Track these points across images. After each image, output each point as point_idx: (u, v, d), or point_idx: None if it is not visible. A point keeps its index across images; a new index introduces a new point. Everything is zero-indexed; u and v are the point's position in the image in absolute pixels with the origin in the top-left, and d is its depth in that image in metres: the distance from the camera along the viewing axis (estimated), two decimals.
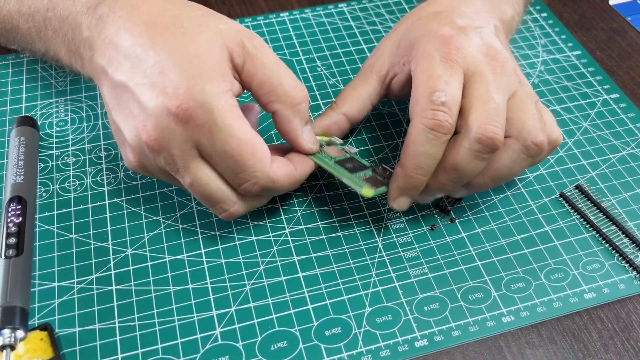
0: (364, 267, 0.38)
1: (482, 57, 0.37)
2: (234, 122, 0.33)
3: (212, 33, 0.34)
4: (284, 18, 0.55)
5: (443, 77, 0.35)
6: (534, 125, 0.36)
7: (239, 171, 0.34)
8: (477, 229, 0.40)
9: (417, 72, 0.37)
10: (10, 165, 0.40)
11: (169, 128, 0.32)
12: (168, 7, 0.35)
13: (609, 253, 0.39)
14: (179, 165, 0.34)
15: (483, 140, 0.35)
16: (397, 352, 0.35)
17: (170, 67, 0.33)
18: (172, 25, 0.34)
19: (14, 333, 0.32)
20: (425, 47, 0.37)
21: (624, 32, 0.55)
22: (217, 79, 0.33)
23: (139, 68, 0.33)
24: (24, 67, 0.50)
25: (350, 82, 0.42)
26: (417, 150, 0.35)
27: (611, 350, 0.35)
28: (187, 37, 0.34)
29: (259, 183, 0.34)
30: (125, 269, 0.38)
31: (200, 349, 0.34)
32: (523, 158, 0.37)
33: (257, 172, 0.34)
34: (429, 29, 0.38)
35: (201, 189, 0.35)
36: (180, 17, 0.35)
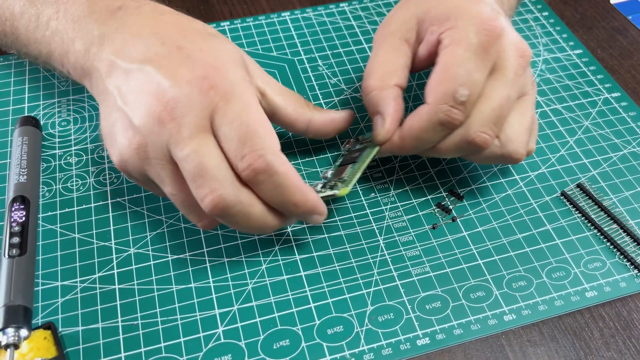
0: (365, 265, 0.38)
1: (513, 53, 0.37)
2: (252, 98, 0.34)
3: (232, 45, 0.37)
4: (285, 17, 0.55)
5: (472, 71, 0.35)
6: (522, 140, 0.38)
7: (248, 139, 0.32)
8: (479, 227, 0.40)
9: (449, 53, 0.36)
10: (13, 165, 0.41)
11: (190, 96, 0.33)
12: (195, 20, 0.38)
13: (611, 251, 0.39)
14: (185, 134, 0.32)
15: (473, 143, 0.36)
16: (399, 351, 0.35)
17: (199, 51, 0.34)
18: (201, 29, 0.37)
19: (17, 332, 0.33)
20: (465, 27, 0.36)
21: (625, 31, 0.55)
22: (243, 70, 0.35)
23: (163, 54, 0.34)
24: (26, 67, 0.50)
25: (378, 55, 0.39)
26: (422, 137, 0.37)
27: (612, 348, 0.35)
28: (216, 39, 0.36)
29: (264, 157, 0.32)
30: (128, 268, 0.38)
31: (203, 347, 0.35)
32: (496, 159, 0.38)
33: (266, 142, 0.33)
34: (468, 3, 0.37)
35: (196, 161, 0.32)
36: (207, 28, 0.37)
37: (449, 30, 0.36)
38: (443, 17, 0.37)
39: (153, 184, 0.36)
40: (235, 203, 0.33)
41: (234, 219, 0.34)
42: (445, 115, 0.35)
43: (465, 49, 0.35)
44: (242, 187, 0.33)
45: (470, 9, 0.37)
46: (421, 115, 0.36)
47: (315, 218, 0.36)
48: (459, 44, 0.36)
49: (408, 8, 0.40)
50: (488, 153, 0.38)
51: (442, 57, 0.36)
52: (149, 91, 0.33)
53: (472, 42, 0.35)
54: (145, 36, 0.35)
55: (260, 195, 0.34)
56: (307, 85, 0.50)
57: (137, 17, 0.37)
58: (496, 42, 0.36)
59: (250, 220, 0.34)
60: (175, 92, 0.33)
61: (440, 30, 0.37)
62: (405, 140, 0.37)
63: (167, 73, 0.33)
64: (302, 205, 0.34)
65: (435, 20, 0.38)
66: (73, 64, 0.38)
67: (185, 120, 0.32)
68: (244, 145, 0.32)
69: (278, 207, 0.34)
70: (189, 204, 0.34)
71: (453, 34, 0.36)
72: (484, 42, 0.35)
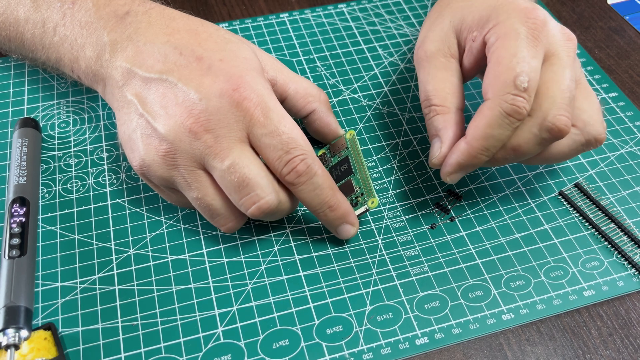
0: (364, 265, 0.38)
1: (561, 37, 0.36)
2: (282, 108, 0.35)
3: (249, 47, 0.38)
4: (283, 19, 0.56)
5: (527, 58, 0.35)
6: (598, 121, 0.37)
7: (291, 146, 0.34)
8: (477, 227, 0.41)
9: (500, 47, 0.35)
10: (13, 166, 0.41)
11: (222, 109, 0.34)
12: (204, 23, 0.38)
13: (608, 251, 0.39)
14: (223, 146, 0.34)
15: (554, 130, 0.35)
16: (398, 350, 0.35)
17: (219, 62, 0.35)
18: (214, 34, 0.37)
19: (18, 333, 0.33)
20: (509, 20, 0.36)
21: (623, 31, 0.56)
22: (262, 76, 0.36)
23: (183, 64, 0.35)
24: (25, 69, 0.50)
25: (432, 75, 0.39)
26: (489, 133, 0.35)
27: (610, 347, 0.36)
28: (232, 45, 0.36)
29: (306, 160, 0.35)
30: (127, 269, 0.38)
31: (203, 347, 0.35)
32: (581, 149, 0.38)
33: (306, 150, 0.35)
34: (499, 11, 0.37)
35: (240, 172, 0.34)
36: (219, 31, 0.37)
37: (493, 29, 0.36)
38: (481, 20, 0.37)
39: (171, 189, 0.37)
40: (277, 204, 0.35)
41: (273, 217, 0.36)
42: (510, 105, 0.34)
43: (515, 39, 0.35)
44: (280, 189, 0.36)
45: (507, 6, 0.37)
46: (484, 112, 0.35)
47: (348, 228, 0.38)
48: (507, 37, 0.35)
49: (442, 22, 0.40)
50: (572, 143, 0.37)
51: (493, 54, 0.36)
52: (176, 102, 0.34)
53: (521, 32, 0.35)
54: (159, 44, 0.35)
55: (300, 198, 0.36)
56: None
57: (147, 23, 0.37)
58: (543, 29, 0.36)
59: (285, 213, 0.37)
60: (206, 105, 0.34)
61: (483, 33, 0.37)
62: (473, 144, 0.35)
63: (192, 84, 0.34)
64: (336, 208, 0.37)
65: (473, 26, 0.38)
66: (84, 70, 0.38)
67: (222, 133, 0.34)
68: (287, 153, 0.34)
69: (314, 210, 0.37)
70: (215, 208, 0.36)
71: (498, 31, 0.36)
72: (532, 31, 0.35)
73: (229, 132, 0.34)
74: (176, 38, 0.36)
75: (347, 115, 0.47)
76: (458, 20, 0.39)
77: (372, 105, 0.48)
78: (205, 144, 0.33)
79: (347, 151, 0.41)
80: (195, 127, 0.33)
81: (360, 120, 0.47)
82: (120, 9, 0.38)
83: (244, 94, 0.34)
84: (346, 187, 0.40)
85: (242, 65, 0.35)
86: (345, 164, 0.41)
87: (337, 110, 0.48)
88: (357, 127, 0.47)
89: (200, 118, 0.33)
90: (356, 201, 0.39)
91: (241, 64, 0.35)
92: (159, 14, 0.37)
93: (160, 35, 0.36)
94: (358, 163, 0.40)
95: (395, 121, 0.47)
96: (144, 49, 0.36)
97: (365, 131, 0.46)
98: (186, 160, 0.34)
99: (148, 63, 0.35)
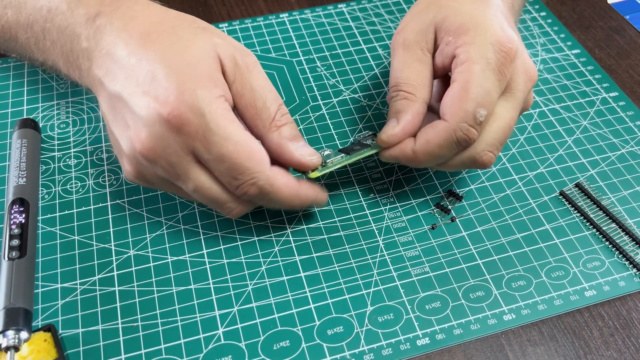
0: (365, 266, 0.38)
1: (523, 76, 0.37)
2: (228, 125, 0.33)
3: (207, 43, 0.34)
4: (283, 19, 0.55)
5: (490, 92, 0.36)
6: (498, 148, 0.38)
7: (238, 173, 0.33)
8: (478, 227, 0.41)
9: (468, 71, 0.36)
10: (12, 167, 0.41)
11: (163, 136, 0.32)
12: (166, 18, 0.35)
13: (609, 251, 0.39)
14: (179, 172, 0.34)
15: (479, 162, 0.38)
16: (399, 351, 0.35)
17: (162, 74, 0.33)
18: (165, 34, 0.34)
19: (17, 334, 0.32)
20: (482, 45, 0.36)
21: (623, 31, 0.56)
22: (209, 85, 0.33)
23: (132, 78, 0.33)
24: (24, 70, 0.50)
25: (401, 63, 0.39)
26: (437, 153, 0.37)
27: (612, 347, 0.35)
28: (180, 45, 0.34)
29: (257, 183, 0.34)
30: (127, 270, 0.38)
31: (203, 348, 0.35)
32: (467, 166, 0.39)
33: (255, 172, 0.34)
34: (484, 18, 0.37)
35: (205, 193, 0.35)
36: (176, 28, 0.35)
37: (466, 46, 0.36)
38: (460, 29, 0.37)
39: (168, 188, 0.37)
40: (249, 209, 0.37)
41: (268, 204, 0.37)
42: (464, 134, 0.36)
43: (484, 68, 0.36)
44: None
45: (486, 24, 0.37)
46: (439, 133, 0.36)
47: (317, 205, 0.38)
48: (477, 62, 0.36)
49: (427, 14, 0.39)
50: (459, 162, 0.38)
51: (460, 75, 0.36)
52: (128, 125, 0.34)
53: (490, 62, 0.36)
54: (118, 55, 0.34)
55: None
56: (306, 86, 0.50)
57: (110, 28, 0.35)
58: (511, 64, 0.36)
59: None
60: (149, 131, 0.33)
61: (457, 44, 0.37)
62: (418, 155, 0.37)
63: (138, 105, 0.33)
64: (300, 204, 0.37)
65: (451, 30, 0.38)
66: (79, 77, 0.38)
67: (173, 159, 0.33)
68: (235, 179, 0.34)
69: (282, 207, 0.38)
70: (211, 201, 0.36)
71: (470, 51, 0.36)
72: (501, 63, 0.36)
73: (178, 159, 0.33)
74: (130, 45, 0.34)
75: (347, 116, 0.47)
76: (441, 18, 0.38)
77: (372, 105, 0.48)
78: (163, 169, 0.34)
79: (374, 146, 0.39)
80: (146, 154, 0.33)
81: (361, 121, 0.47)
82: (91, 10, 0.37)
83: (182, 119, 0.32)
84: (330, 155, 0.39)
85: (186, 74, 0.33)
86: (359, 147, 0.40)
87: (337, 110, 0.48)
88: (357, 127, 0.47)
89: (147, 145, 0.33)
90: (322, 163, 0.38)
91: (183, 74, 0.33)
92: (122, 15, 0.36)
93: (119, 42, 0.35)
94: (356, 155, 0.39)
95: None
96: (107, 58, 0.35)
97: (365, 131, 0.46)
98: (155, 179, 0.35)
99: (110, 75, 0.34)
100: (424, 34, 0.39)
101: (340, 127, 0.46)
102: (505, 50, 0.36)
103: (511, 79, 0.37)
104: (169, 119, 0.32)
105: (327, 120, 0.47)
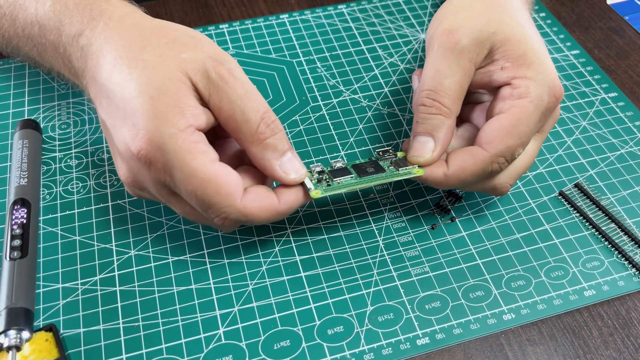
0: (365, 266, 0.38)
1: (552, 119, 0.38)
2: (193, 161, 0.31)
3: (172, 65, 0.32)
4: (283, 20, 0.56)
5: (533, 133, 0.36)
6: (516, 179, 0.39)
7: (207, 207, 0.33)
8: (478, 227, 0.41)
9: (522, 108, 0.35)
10: (14, 168, 0.41)
11: (139, 171, 0.33)
12: (135, 39, 0.34)
13: (608, 250, 0.40)
14: (162, 200, 0.35)
15: (496, 191, 0.38)
16: (399, 350, 0.35)
17: (132, 109, 0.32)
18: (133, 61, 0.33)
19: (19, 334, 0.33)
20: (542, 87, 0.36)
21: (622, 31, 0.56)
22: (175, 117, 0.31)
23: (111, 109, 0.33)
24: (26, 71, 0.50)
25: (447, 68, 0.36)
26: (468, 180, 0.36)
27: (611, 346, 0.36)
28: (145, 73, 0.32)
29: (229, 218, 0.33)
30: (128, 270, 0.38)
31: (204, 348, 0.35)
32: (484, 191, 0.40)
33: (224, 207, 0.33)
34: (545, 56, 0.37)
35: (191, 219, 0.35)
36: (145, 49, 0.33)
37: (527, 80, 0.36)
38: (520, 57, 0.36)
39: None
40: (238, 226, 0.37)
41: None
42: (498, 167, 0.36)
43: (536, 109, 0.36)
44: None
45: (547, 63, 0.37)
46: (477, 162, 0.36)
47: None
48: (534, 100, 0.35)
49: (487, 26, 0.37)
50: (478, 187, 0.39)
51: (514, 109, 0.35)
52: (113, 152, 0.35)
53: (543, 104, 0.36)
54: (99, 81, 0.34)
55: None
56: (306, 87, 0.50)
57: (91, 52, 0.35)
58: (554, 111, 0.38)
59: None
60: (127, 165, 0.34)
61: (516, 74, 0.36)
62: (450, 180, 0.36)
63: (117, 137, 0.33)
64: (285, 216, 0.35)
65: (511, 57, 0.36)
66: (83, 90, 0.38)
67: (153, 190, 0.34)
68: (207, 211, 0.33)
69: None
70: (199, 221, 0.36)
71: (531, 87, 0.36)
72: (550, 107, 0.36)
73: (156, 190, 0.34)
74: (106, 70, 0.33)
75: (347, 116, 0.48)
76: (502, 38, 0.36)
77: (372, 105, 0.48)
78: (149, 195, 0.35)
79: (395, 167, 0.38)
80: (131, 184, 0.34)
81: (361, 121, 0.47)
82: (73, 29, 0.36)
83: (149, 157, 0.32)
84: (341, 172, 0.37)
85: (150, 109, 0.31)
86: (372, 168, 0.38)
87: (337, 111, 0.48)
88: (358, 128, 0.47)
89: (129, 178, 0.34)
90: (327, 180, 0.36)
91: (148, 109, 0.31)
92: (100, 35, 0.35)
93: (98, 67, 0.34)
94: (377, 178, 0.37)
95: (396, 122, 0.47)
96: (92, 82, 0.35)
97: (365, 132, 0.46)
98: (151, 199, 0.36)
99: (97, 100, 0.35)
100: (478, 46, 0.36)
101: (340, 128, 0.47)
102: (556, 97, 0.36)
103: (546, 121, 0.38)
104: (138, 157, 0.32)
105: (327, 120, 0.47)
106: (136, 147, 0.32)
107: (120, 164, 0.34)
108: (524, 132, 0.35)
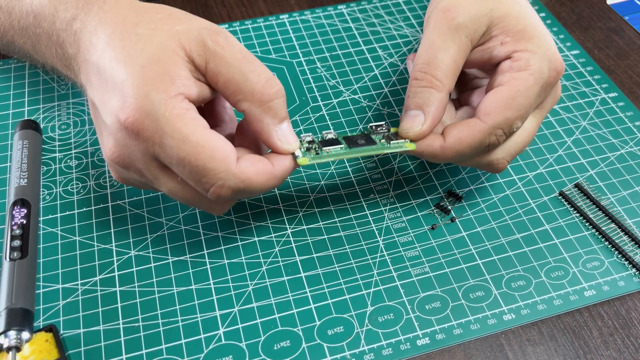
0: (365, 266, 0.38)
1: (553, 96, 0.38)
2: (185, 126, 0.31)
3: (166, 36, 0.32)
4: (283, 20, 0.56)
5: (532, 106, 0.36)
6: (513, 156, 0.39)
7: (201, 175, 0.32)
8: (478, 228, 0.41)
9: (522, 80, 0.35)
10: (14, 168, 0.41)
11: (126, 143, 0.32)
12: (129, 15, 0.34)
13: (609, 251, 0.40)
14: (149, 177, 0.33)
15: (492, 167, 0.38)
16: (399, 351, 0.35)
17: (121, 80, 0.32)
18: (127, 34, 0.33)
19: (19, 334, 0.33)
20: (542, 58, 0.36)
21: (622, 32, 0.56)
22: (165, 85, 0.31)
23: (100, 85, 0.33)
24: (25, 71, 0.50)
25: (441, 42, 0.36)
26: (466, 152, 0.36)
27: (611, 347, 0.36)
28: (138, 46, 0.32)
29: (226, 185, 0.32)
30: (128, 271, 0.38)
31: (204, 349, 0.35)
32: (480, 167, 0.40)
33: (220, 173, 0.32)
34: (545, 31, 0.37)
35: (179, 197, 0.34)
36: (138, 25, 0.33)
37: (528, 53, 0.36)
38: (520, 32, 0.36)
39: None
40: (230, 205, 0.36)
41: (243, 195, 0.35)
42: (495, 139, 0.36)
43: (536, 82, 0.35)
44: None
45: (547, 37, 0.37)
46: (474, 133, 0.35)
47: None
48: (534, 73, 0.35)
49: (484, 3, 0.37)
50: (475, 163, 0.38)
51: (514, 81, 0.35)
52: (100, 133, 0.34)
53: (543, 77, 0.35)
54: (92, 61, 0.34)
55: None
56: (306, 87, 0.50)
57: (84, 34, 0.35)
58: (555, 85, 0.37)
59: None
60: (114, 139, 0.33)
61: (516, 48, 0.36)
62: (446, 152, 0.36)
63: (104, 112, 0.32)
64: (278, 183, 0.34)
65: (510, 31, 0.36)
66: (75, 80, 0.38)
67: (140, 166, 0.33)
68: (199, 182, 0.32)
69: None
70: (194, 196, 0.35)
71: (531, 60, 0.36)
72: (550, 81, 0.36)
73: (144, 165, 0.33)
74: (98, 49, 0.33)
75: (347, 116, 0.48)
76: (500, 15, 0.37)
77: (372, 106, 0.48)
78: (137, 175, 0.34)
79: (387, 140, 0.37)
80: (117, 161, 0.33)
81: (361, 121, 0.47)
82: (68, 14, 0.36)
83: (138, 125, 0.31)
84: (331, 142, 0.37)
85: (140, 77, 0.31)
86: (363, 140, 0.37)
87: (337, 111, 0.48)
88: (358, 128, 0.47)
89: (116, 153, 0.33)
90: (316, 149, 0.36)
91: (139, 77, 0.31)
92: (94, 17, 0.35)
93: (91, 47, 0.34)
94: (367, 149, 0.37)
95: (396, 122, 0.47)
96: (85, 64, 0.34)
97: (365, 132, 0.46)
98: (137, 182, 0.35)
99: (88, 82, 0.34)
100: (475, 22, 0.36)
101: (340, 128, 0.47)
102: (557, 70, 0.36)
103: (546, 96, 0.37)
104: (126, 125, 0.31)
105: (328, 121, 0.47)
106: (124, 115, 0.31)
107: (107, 140, 0.33)
108: (522, 105, 0.35)
